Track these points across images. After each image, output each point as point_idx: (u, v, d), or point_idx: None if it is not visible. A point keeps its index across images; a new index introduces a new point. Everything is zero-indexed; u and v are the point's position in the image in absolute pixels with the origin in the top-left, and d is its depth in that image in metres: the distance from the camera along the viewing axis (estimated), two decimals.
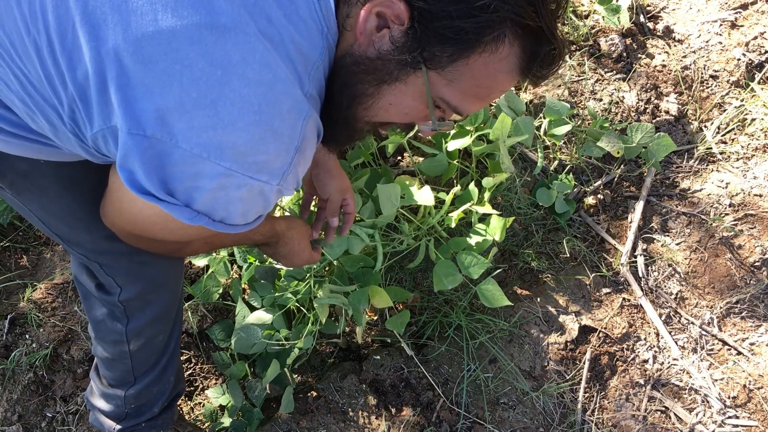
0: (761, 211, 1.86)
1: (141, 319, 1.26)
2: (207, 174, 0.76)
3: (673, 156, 2.01)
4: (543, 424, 1.69)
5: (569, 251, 1.87)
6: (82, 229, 1.10)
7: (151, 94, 0.72)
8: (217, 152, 0.74)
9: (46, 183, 1.02)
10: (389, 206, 1.48)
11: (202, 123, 0.73)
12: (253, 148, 0.76)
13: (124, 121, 0.73)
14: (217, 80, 0.72)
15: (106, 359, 1.37)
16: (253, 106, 0.74)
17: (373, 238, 1.57)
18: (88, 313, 1.32)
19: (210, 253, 1.71)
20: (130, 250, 1.08)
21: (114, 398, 1.43)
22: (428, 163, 1.70)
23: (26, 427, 1.69)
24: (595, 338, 1.78)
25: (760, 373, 1.71)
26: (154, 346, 1.35)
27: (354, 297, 1.55)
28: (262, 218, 0.92)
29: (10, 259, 1.93)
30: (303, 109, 0.79)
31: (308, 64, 0.80)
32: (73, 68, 0.75)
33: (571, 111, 1.92)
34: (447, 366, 1.77)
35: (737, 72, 2.06)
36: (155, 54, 0.71)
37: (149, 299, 1.25)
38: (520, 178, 1.88)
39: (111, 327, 1.28)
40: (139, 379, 1.38)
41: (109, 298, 1.23)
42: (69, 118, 0.81)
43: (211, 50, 0.72)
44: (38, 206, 1.07)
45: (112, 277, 1.19)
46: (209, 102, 0.72)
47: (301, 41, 0.79)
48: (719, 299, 1.80)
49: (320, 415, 1.68)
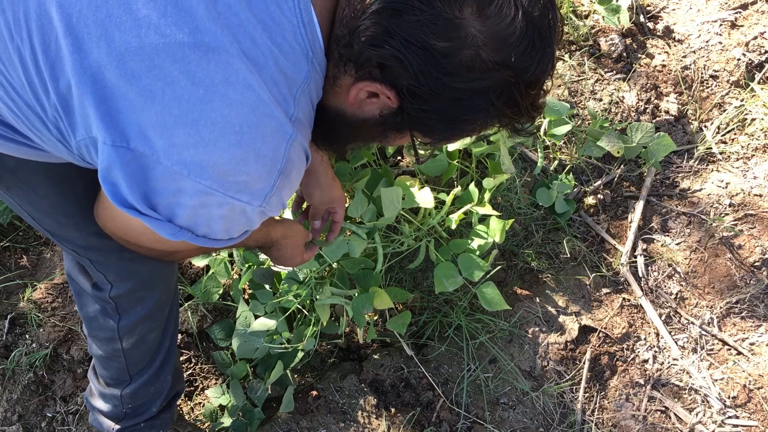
0: (761, 211, 1.86)
1: (133, 316, 1.26)
2: (188, 191, 0.76)
3: (673, 156, 2.02)
4: (543, 424, 1.69)
5: (569, 251, 1.87)
6: (71, 225, 1.10)
7: (133, 109, 0.72)
8: (197, 170, 0.74)
9: (35, 180, 1.02)
10: (391, 209, 1.49)
11: (183, 141, 0.73)
12: (233, 168, 0.76)
13: (107, 133, 0.73)
14: (199, 99, 0.72)
15: (101, 357, 1.37)
16: (234, 126, 0.74)
17: (373, 238, 1.57)
18: (81, 310, 1.32)
19: (208, 254, 1.71)
20: (120, 248, 1.09)
21: (111, 398, 1.43)
22: (428, 163, 1.70)
23: (26, 427, 1.69)
24: (595, 338, 1.78)
25: (760, 373, 1.72)
26: (147, 344, 1.35)
27: (357, 302, 1.55)
28: (247, 233, 0.92)
29: (10, 259, 1.93)
30: (287, 132, 0.79)
31: (293, 87, 0.80)
32: (56, 78, 0.75)
33: (571, 111, 1.92)
34: (447, 366, 1.77)
35: (737, 72, 2.06)
36: (138, 70, 0.71)
37: (140, 296, 1.25)
38: (520, 178, 1.88)
39: (103, 324, 1.28)
40: (135, 378, 1.38)
41: (100, 294, 1.23)
42: (53, 126, 0.81)
43: (194, 69, 0.72)
44: (27, 202, 1.07)
45: (103, 273, 1.19)
46: (190, 120, 0.72)
47: (286, 64, 0.78)
48: (719, 299, 1.81)
49: (320, 415, 1.68)
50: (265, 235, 1.22)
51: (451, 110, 0.81)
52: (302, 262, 1.37)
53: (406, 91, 0.79)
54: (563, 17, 2.01)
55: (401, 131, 0.87)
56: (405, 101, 0.80)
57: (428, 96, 0.79)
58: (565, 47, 2.08)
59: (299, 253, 1.34)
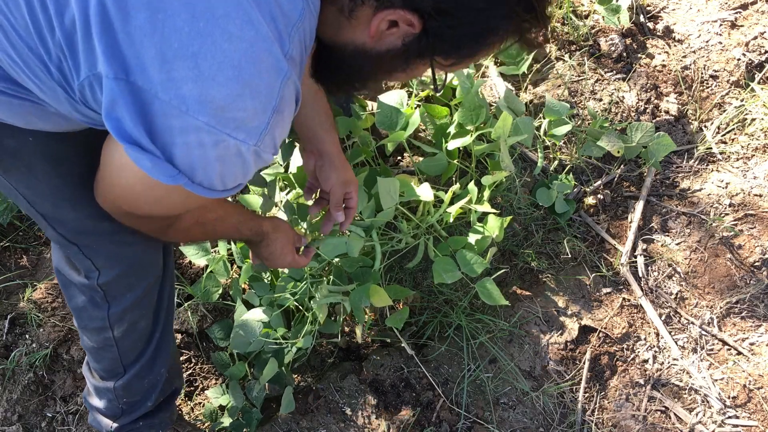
0: (761, 211, 1.86)
1: (122, 303, 1.27)
2: (185, 128, 0.76)
3: (673, 156, 2.02)
4: (543, 424, 1.69)
5: (569, 251, 1.87)
6: (67, 208, 1.10)
7: (132, 42, 0.72)
8: (195, 106, 0.74)
9: (34, 161, 1.02)
10: (389, 200, 1.48)
11: (182, 75, 0.73)
12: (231, 104, 0.76)
13: (109, 67, 0.73)
14: (199, 32, 0.72)
15: (93, 349, 1.37)
16: (233, 61, 0.74)
17: (371, 236, 1.57)
18: (70, 302, 1.32)
19: (204, 248, 1.71)
20: (112, 230, 1.09)
21: (105, 392, 1.43)
22: (428, 162, 1.70)
23: (26, 427, 1.69)
24: (595, 338, 1.78)
25: (760, 373, 1.71)
26: (138, 333, 1.35)
27: (354, 295, 1.55)
28: (240, 186, 0.92)
29: (10, 259, 1.93)
30: (282, 69, 0.79)
31: (288, 24, 0.80)
32: (61, 13, 0.75)
33: (571, 111, 1.92)
34: (447, 366, 1.77)
35: (737, 72, 2.06)
36: (138, 2, 0.71)
37: (129, 282, 1.25)
38: (520, 178, 1.88)
39: (93, 314, 1.29)
40: (128, 369, 1.38)
41: (89, 283, 1.23)
42: (56, 68, 0.81)
43: (195, 1, 0.72)
44: (25, 186, 1.07)
45: (91, 260, 1.19)
46: (190, 54, 0.72)
47: (283, 0, 0.79)
48: (719, 299, 1.80)
49: (320, 415, 1.68)
50: (257, 226, 1.22)
51: (476, 21, 0.82)
52: (293, 262, 1.37)
53: (432, 9, 0.80)
54: None
55: (424, 57, 0.88)
56: (430, 21, 0.81)
57: (453, 10, 0.80)
58: (565, 47, 2.08)
59: (289, 251, 1.34)
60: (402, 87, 1.98)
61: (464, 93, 1.70)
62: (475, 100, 1.64)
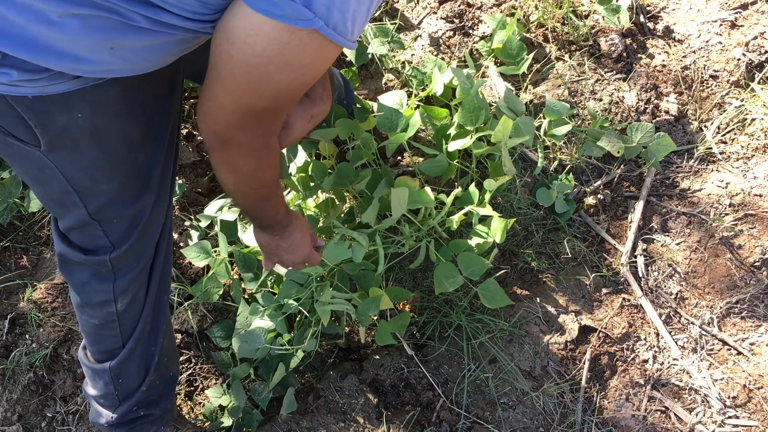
0: (761, 211, 1.86)
1: (128, 274, 1.27)
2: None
3: (673, 156, 2.02)
4: (543, 424, 1.69)
5: (569, 251, 1.87)
6: (104, 180, 1.14)
7: None
8: None
9: (79, 136, 1.05)
10: (399, 210, 1.49)
11: None
12: None
13: None
14: None
15: (95, 327, 1.36)
16: None
17: (373, 241, 1.57)
18: (70, 279, 1.31)
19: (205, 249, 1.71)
20: (136, 196, 1.16)
21: (102, 374, 1.41)
22: (428, 163, 1.70)
23: (26, 427, 1.69)
24: (595, 338, 1.78)
25: (760, 373, 1.72)
26: (139, 303, 1.35)
27: (363, 307, 1.56)
28: (357, 39, 0.92)
29: (10, 259, 1.93)
30: None
31: None
32: None
33: (571, 111, 1.92)
34: (447, 366, 1.77)
35: (737, 72, 2.06)
36: None
37: (136, 251, 1.26)
38: (520, 178, 1.88)
39: (98, 287, 1.28)
40: (127, 344, 1.38)
41: (97, 258, 1.24)
42: None
43: None
44: (69, 161, 1.09)
45: (108, 236, 1.21)
46: None
47: None
48: (719, 299, 1.81)
49: (320, 415, 1.68)
50: (286, 211, 1.25)
51: None
52: (309, 256, 1.39)
53: None
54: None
55: None
56: None
57: None
58: (565, 47, 2.08)
59: (307, 244, 1.36)
60: (402, 87, 1.98)
61: (464, 93, 1.69)
62: (475, 102, 1.63)
